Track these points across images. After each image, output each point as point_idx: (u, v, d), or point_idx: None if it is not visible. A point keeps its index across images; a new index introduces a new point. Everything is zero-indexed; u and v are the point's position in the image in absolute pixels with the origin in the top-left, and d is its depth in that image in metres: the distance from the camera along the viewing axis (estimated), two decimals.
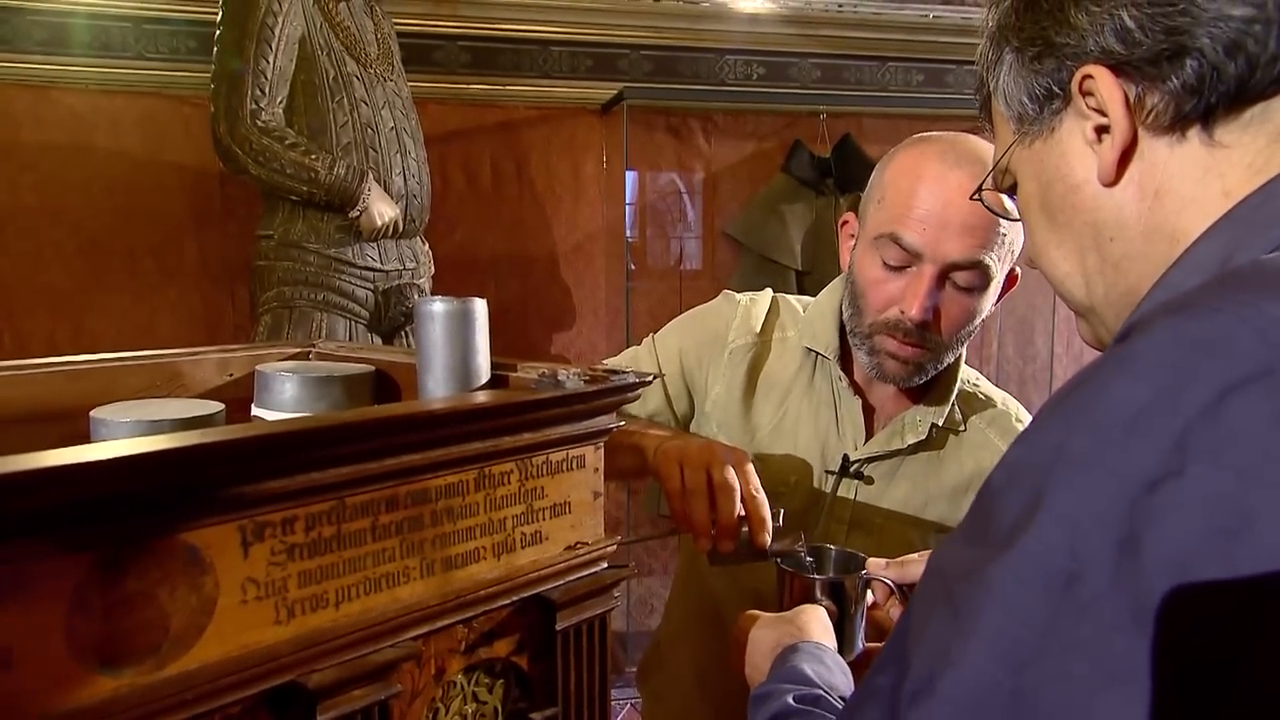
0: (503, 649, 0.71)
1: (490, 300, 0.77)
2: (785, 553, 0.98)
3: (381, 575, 0.61)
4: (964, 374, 1.24)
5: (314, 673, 0.57)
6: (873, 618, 0.95)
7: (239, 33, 2.04)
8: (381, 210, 2.13)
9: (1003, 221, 1.05)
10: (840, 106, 3.05)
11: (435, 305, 0.74)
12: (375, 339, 2.23)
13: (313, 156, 2.05)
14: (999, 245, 1.08)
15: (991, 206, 0.79)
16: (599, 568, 0.77)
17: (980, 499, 0.49)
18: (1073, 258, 0.64)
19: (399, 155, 2.22)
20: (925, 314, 1.08)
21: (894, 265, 1.10)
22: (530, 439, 0.69)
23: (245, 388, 0.84)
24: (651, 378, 0.79)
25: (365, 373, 0.82)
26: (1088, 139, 0.60)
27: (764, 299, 1.30)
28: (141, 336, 2.61)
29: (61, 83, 2.56)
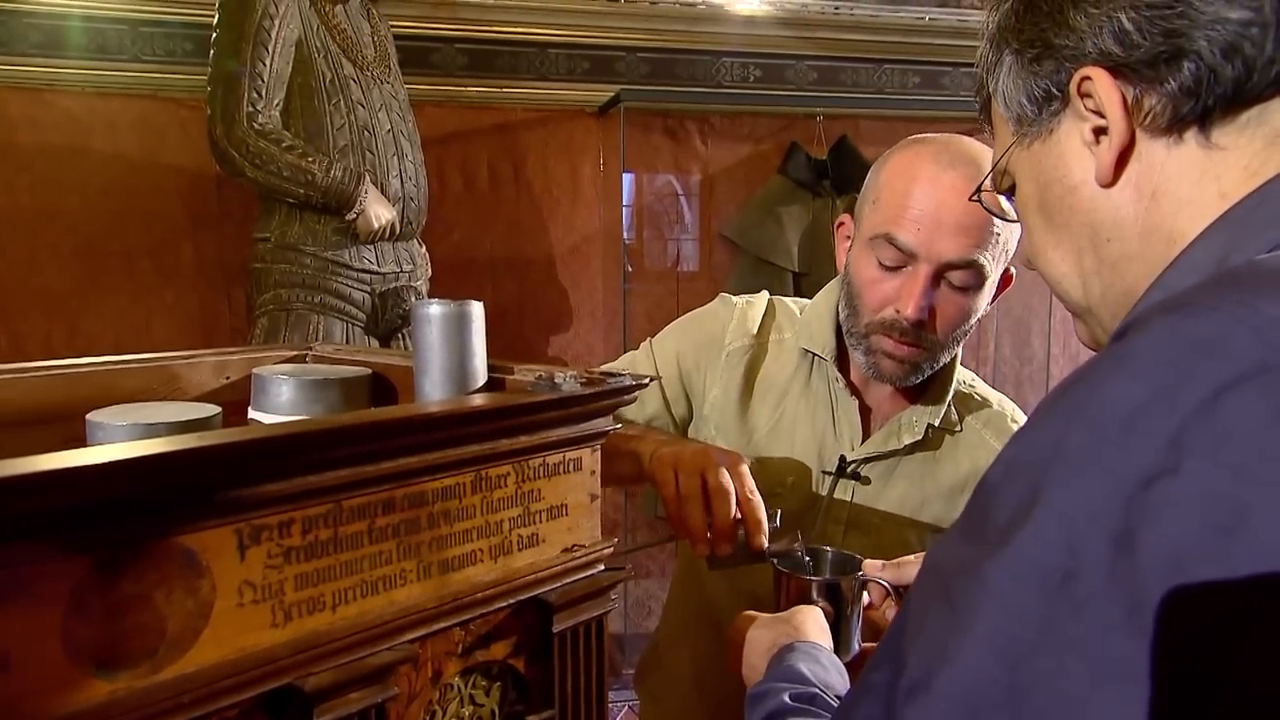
0: (500, 651, 0.71)
1: (487, 302, 0.77)
2: (782, 552, 0.98)
3: (378, 578, 0.61)
4: (960, 375, 1.24)
5: (311, 676, 0.57)
6: (869, 618, 0.95)
7: (235, 35, 2.04)
8: (378, 213, 2.13)
9: (996, 221, 1.06)
10: (837, 109, 3.05)
11: (432, 308, 0.74)
12: (372, 341, 2.22)
13: (309, 159, 2.05)
14: (993, 245, 1.08)
15: (989, 208, 0.79)
16: (596, 570, 0.77)
17: (977, 496, 0.49)
18: (1070, 258, 0.65)
19: (396, 158, 2.22)
20: (921, 313, 1.09)
21: (889, 265, 1.10)
22: (527, 441, 0.69)
23: (242, 390, 0.83)
24: (648, 380, 0.79)
25: (362, 375, 0.82)
26: (1086, 140, 0.60)
27: (760, 301, 1.31)
28: (138, 339, 2.61)
29: (57, 85, 2.55)
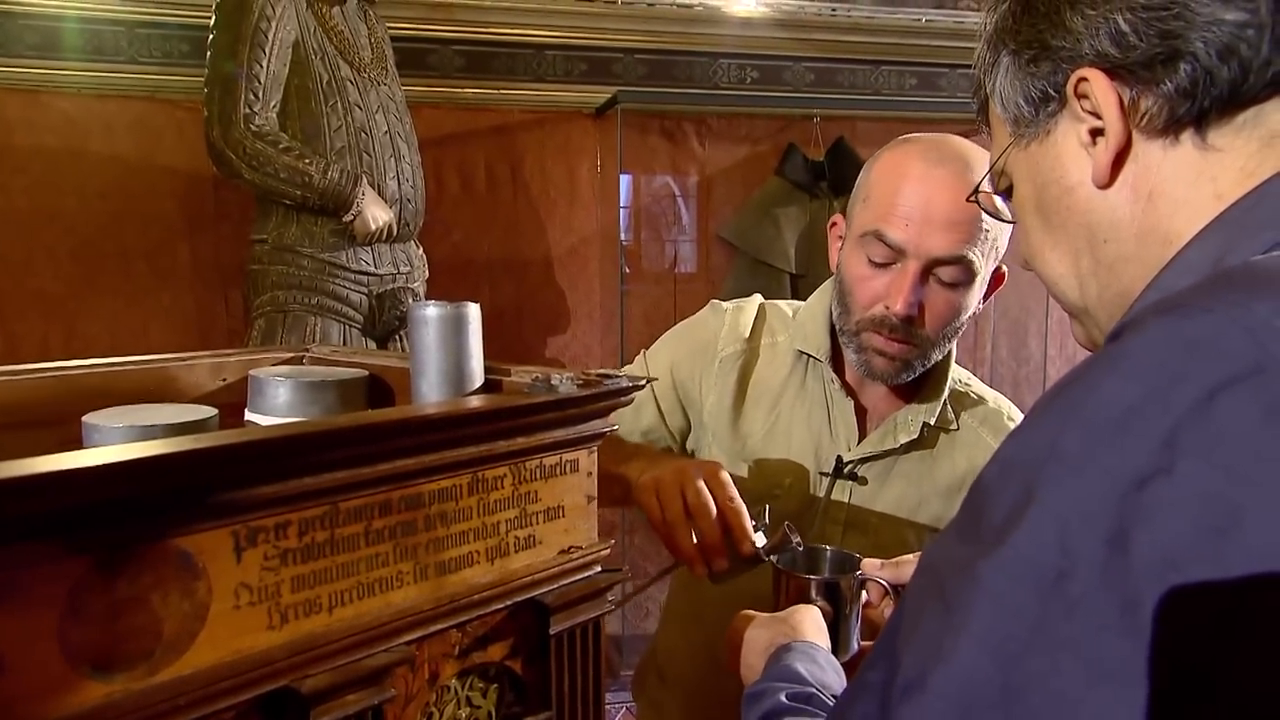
0: (496, 653, 0.71)
1: (484, 304, 0.77)
2: (778, 546, 0.98)
3: (375, 580, 0.61)
4: (955, 373, 1.25)
5: (307, 678, 0.57)
6: (868, 618, 0.95)
7: (232, 37, 2.04)
8: (375, 214, 2.13)
9: (986, 217, 1.06)
10: (834, 110, 3.05)
11: (429, 310, 0.74)
12: (369, 343, 2.22)
13: (306, 161, 2.05)
14: (982, 241, 1.09)
15: (986, 208, 0.79)
16: (593, 571, 0.77)
17: (972, 495, 0.50)
18: (1067, 259, 0.65)
19: (393, 159, 2.22)
20: (910, 309, 1.10)
21: (879, 262, 1.11)
22: (524, 443, 0.69)
23: (239, 392, 0.83)
24: (645, 382, 0.79)
25: (359, 377, 0.82)
26: (1082, 141, 0.60)
27: (751, 305, 1.31)
28: (134, 341, 2.60)
29: (54, 87, 2.55)
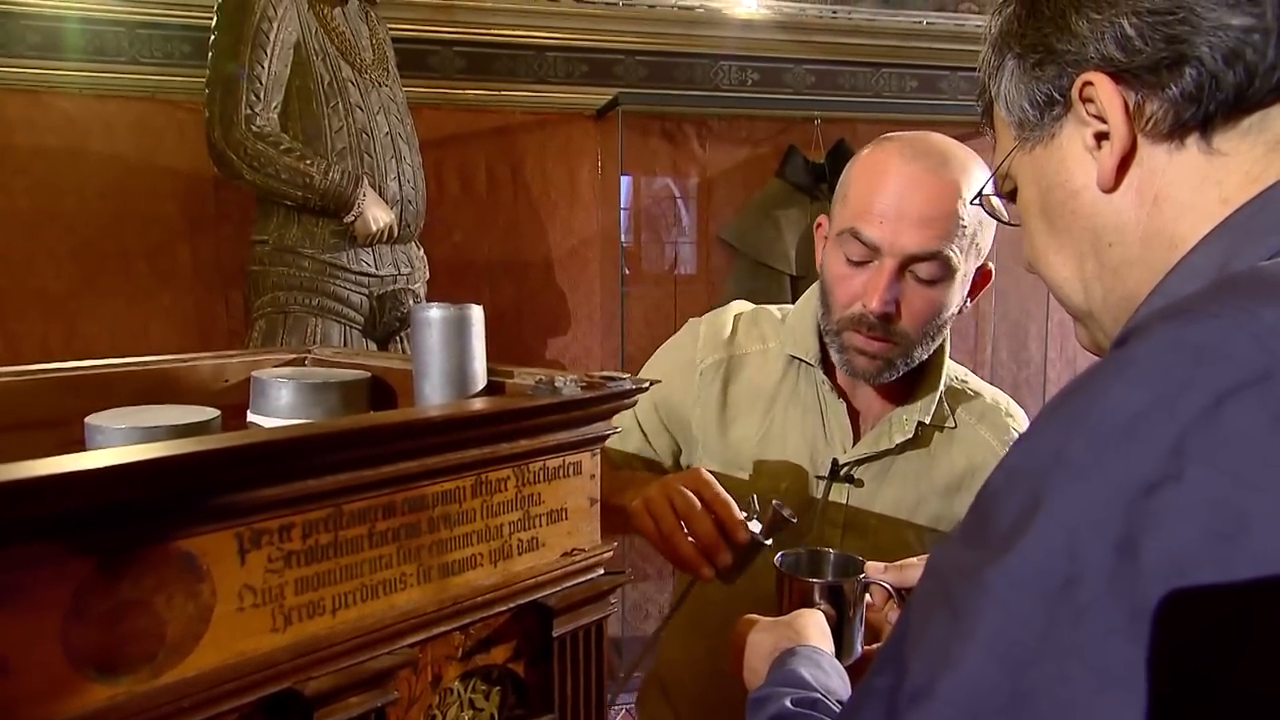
0: (499, 655, 0.71)
1: (485, 305, 0.76)
2: (772, 527, 0.99)
3: (378, 582, 0.61)
4: (952, 370, 1.25)
5: (311, 680, 0.57)
6: (871, 621, 0.95)
7: (234, 37, 2.04)
8: (376, 215, 2.13)
9: (965, 215, 1.06)
10: (834, 112, 3.05)
11: (432, 312, 0.73)
12: (370, 344, 2.22)
13: (307, 162, 2.05)
14: (959, 237, 1.08)
15: (989, 211, 0.79)
16: (595, 574, 0.77)
17: (979, 501, 0.50)
18: (1071, 263, 0.65)
19: (394, 160, 2.22)
20: (885, 306, 1.10)
21: (856, 260, 1.12)
22: (527, 445, 0.69)
23: (241, 394, 0.83)
24: (647, 384, 0.79)
25: (361, 379, 0.82)
26: (1087, 145, 0.60)
27: (727, 312, 1.32)
28: (135, 341, 2.60)
29: (55, 87, 2.54)
